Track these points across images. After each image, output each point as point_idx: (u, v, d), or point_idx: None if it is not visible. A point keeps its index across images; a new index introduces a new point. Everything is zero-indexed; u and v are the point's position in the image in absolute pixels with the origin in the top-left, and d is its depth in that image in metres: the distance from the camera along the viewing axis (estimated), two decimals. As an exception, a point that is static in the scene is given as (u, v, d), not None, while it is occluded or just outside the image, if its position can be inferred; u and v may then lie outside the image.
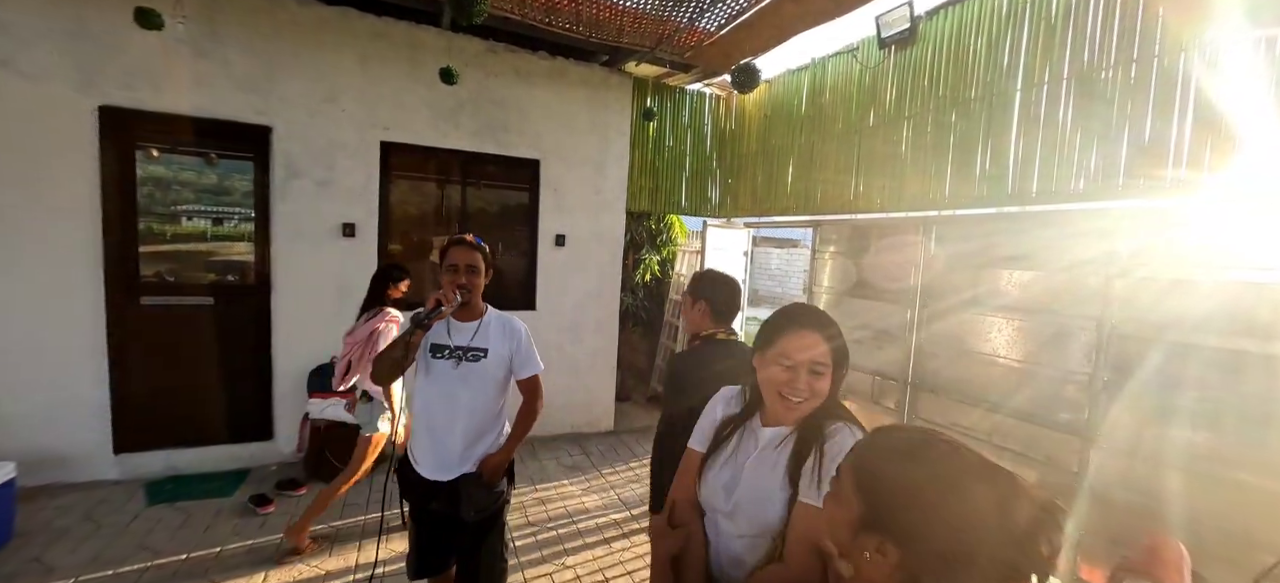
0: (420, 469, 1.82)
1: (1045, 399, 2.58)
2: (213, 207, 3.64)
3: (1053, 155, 2.57)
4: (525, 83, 4.19)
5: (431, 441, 1.80)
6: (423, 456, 1.82)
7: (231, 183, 3.66)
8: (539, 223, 4.36)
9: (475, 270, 1.79)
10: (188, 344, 3.52)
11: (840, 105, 3.79)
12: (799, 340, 1.07)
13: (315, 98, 3.59)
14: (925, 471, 0.66)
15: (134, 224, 3.37)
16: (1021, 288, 2.68)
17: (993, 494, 0.63)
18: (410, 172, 4.04)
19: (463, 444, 1.79)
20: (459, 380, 1.78)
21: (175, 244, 3.58)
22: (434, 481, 1.80)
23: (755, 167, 4.65)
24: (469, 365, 1.79)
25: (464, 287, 1.75)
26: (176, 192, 3.55)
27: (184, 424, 3.55)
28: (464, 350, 1.79)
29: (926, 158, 3.18)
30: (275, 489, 3.39)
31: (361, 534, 3.05)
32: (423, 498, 1.83)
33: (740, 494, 1.10)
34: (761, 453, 1.11)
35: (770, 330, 1.13)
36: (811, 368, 1.06)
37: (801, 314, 1.12)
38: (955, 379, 3.00)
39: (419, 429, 1.83)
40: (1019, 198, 2.71)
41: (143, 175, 3.40)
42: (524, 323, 1.96)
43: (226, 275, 3.68)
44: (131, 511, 3.11)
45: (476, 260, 1.80)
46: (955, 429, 2.98)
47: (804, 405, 1.07)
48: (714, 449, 1.18)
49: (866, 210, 3.57)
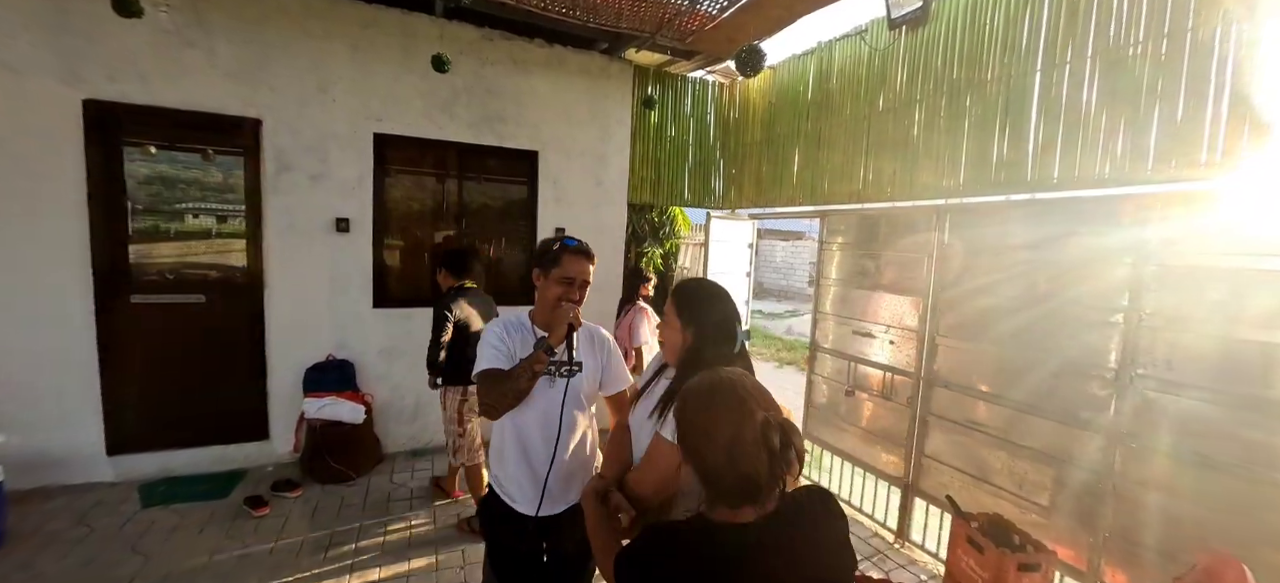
0: (515, 505, 1.57)
1: (1067, 395, 2.45)
2: (204, 202, 3.55)
3: (1076, 139, 2.43)
4: (522, 72, 4.07)
5: (530, 473, 1.55)
6: (519, 490, 1.56)
7: (222, 177, 3.56)
8: (538, 216, 4.26)
9: (588, 285, 1.58)
10: (180, 343, 3.45)
11: (848, 90, 3.65)
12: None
13: (306, 88, 3.48)
14: (701, 404, 0.96)
15: (123, 221, 3.30)
16: (1042, 279, 2.54)
17: (738, 418, 0.91)
18: (405, 164, 3.94)
19: (567, 471, 1.57)
20: (556, 400, 1.54)
21: (166, 242, 3.50)
22: (535, 517, 1.55)
23: (760, 156, 4.51)
24: (564, 382, 1.55)
25: (577, 303, 1.54)
26: (166, 187, 3.47)
27: (178, 425, 3.49)
28: (559, 365, 1.54)
29: (939, 144, 3.04)
30: (271, 491, 3.33)
31: (357, 536, 2.98)
32: (514, 538, 1.58)
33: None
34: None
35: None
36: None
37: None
38: (971, 375, 2.87)
39: (513, 458, 1.56)
40: (1039, 184, 2.57)
41: (131, 171, 3.32)
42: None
43: (218, 272, 3.59)
44: (125, 513, 3.05)
45: (589, 273, 1.57)
46: (970, 425, 2.86)
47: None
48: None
49: (876, 199, 3.44)
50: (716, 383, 0.97)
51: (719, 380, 0.97)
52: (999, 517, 2.50)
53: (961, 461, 2.91)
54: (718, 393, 0.95)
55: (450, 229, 4.12)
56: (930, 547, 3.06)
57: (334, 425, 3.51)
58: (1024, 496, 2.62)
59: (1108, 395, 2.31)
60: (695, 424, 0.95)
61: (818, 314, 3.89)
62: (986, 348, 2.79)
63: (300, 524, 3.06)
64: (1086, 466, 2.37)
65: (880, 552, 3.13)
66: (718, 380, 0.97)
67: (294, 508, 3.22)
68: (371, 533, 3.03)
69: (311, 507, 3.25)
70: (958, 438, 2.93)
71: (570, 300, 1.53)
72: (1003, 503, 2.70)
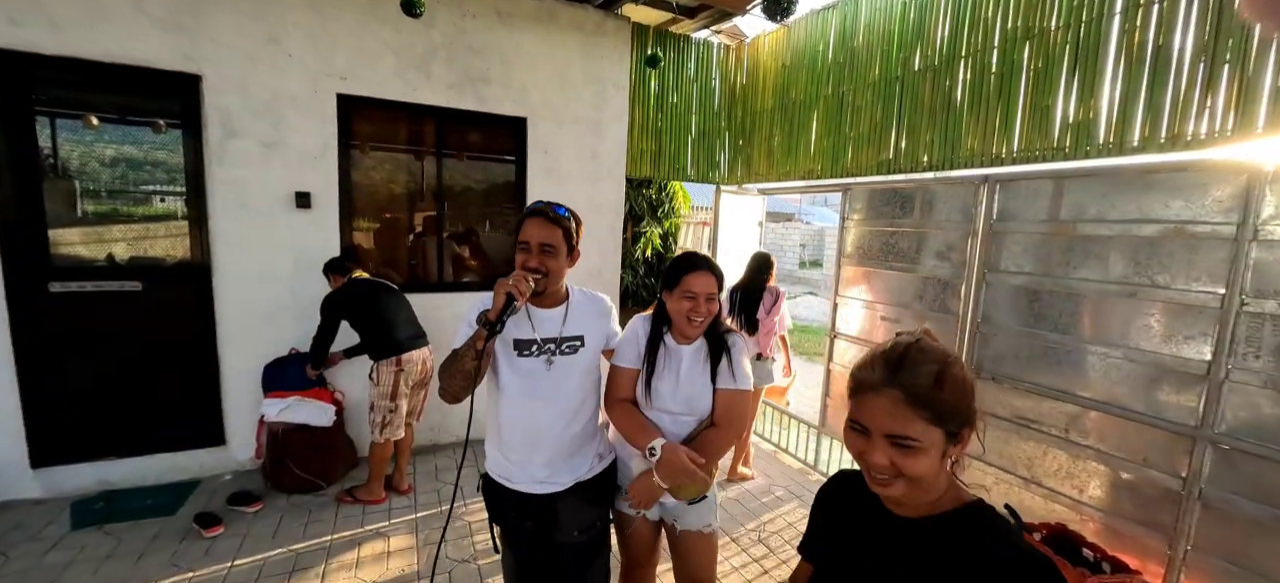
0: (517, 486, 1.50)
1: (1144, 390, 2.14)
2: (137, 173, 3.05)
3: (1163, 93, 2.08)
4: (508, 27, 3.60)
5: (533, 453, 1.48)
6: (521, 470, 1.50)
7: (158, 144, 3.06)
8: (527, 190, 3.82)
9: (551, 250, 1.42)
10: (114, 337, 2.98)
11: (877, 48, 3.26)
12: (699, 280, 1.50)
13: (254, 39, 2.98)
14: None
15: (38, 196, 2.79)
16: (1114, 257, 2.22)
17: None
18: (376, 130, 3.47)
19: (569, 451, 1.50)
20: (556, 379, 1.46)
21: (92, 221, 3.00)
22: (531, 495, 1.49)
23: (772, 125, 4.12)
24: (566, 359, 1.48)
25: (537, 271, 1.39)
26: (92, 156, 2.96)
27: (118, 432, 3.04)
28: (557, 342, 1.47)
29: (988, 105, 2.68)
30: (227, 505, 2.91)
31: (326, 555, 2.59)
32: (517, 518, 1.51)
33: (683, 393, 1.53)
34: (690, 364, 1.54)
35: (674, 273, 1.54)
36: (708, 298, 1.50)
37: (701, 259, 1.55)
38: (1023, 366, 2.56)
39: (517, 442, 1.48)
40: (1114, 148, 2.23)
41: (46, 137, 2.80)
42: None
43: (156, 255, 3.11)
44: (49, 538, 2.61)
45: (553, 236, 1.42)
46: (1023, 422, 2.55)
47: (702, 325, 1.52)
48: (651, 368, 1.55)
49: (910, 171, 3.08)
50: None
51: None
52: (1064, 528, 2.21)
53: (1009, 460, 2.62)
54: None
55: (429, 204, 3.67)
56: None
57: (299, 429, 3.09)
58: (1086, 502, 2.33)
59: (1196, 391, 2.00)
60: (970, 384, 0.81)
61: (838, 298, 3.55)
62: (1042, 336, 2.47)
63: (260, 544, 2.66)
64: (1167, 470, 2.07)
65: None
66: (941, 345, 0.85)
67: (253, 525, 2.80)
68: (342, 551, 2.65)
69: (274, 523, 2.84)
70: (1007, 436, 2.63)
71: (527, 268, 1.39)
72: (1058, 509, 2.41)
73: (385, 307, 2.96)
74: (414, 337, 3.00)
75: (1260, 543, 1.88)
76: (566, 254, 1.46)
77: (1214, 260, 1.96)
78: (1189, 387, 2.03)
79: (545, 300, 1.51)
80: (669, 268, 1.57)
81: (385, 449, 2.99)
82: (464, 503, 3.09)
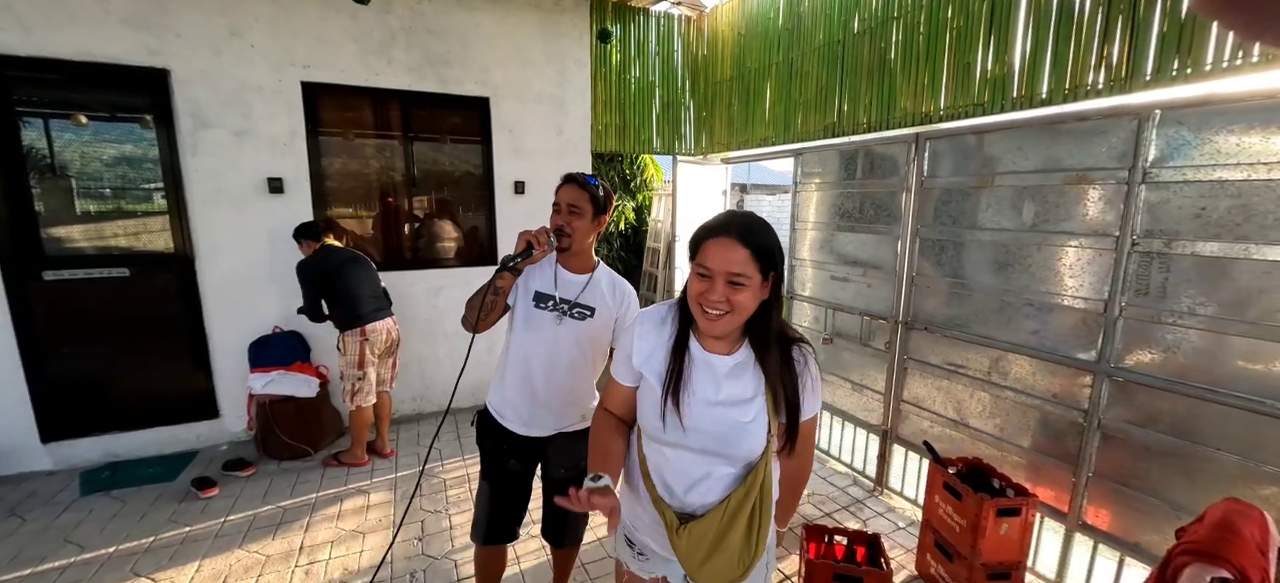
0: (507, 424, 1.67)
1: (1054, 332, 2.28)
2: (117, 166, 3.23)
3: (1067, 46, 2.17)
4: (466, 8, 3.69)
5: (525, 394, 1.64)
6: (512, 410, 1.67)
7: (133, 137, 3.23)
8: (494, 169, 3.96)
9: (577, 211, 1.58)
10: (108, 321, 3.20)
11: (821, 13, 3.32)
12: (717, 250, 0.97)
13: (216, 33, 3.12)
14: None
15: (25, 190, 2.98)
16: (1027, 206, 2.33)
17: None
18: (342, 116, 3.61)
19: (560, 403, 1.65)
20: (560, 336, 1.60)
21: (80, 212, 3.19)
22: (522, 436, 1.67)
23: (731, 94, 4.20)
24: (573, 323, 1.61)
25: (560, 230, 1.57)
26: (73, 151, 3.13)
27: (120, 407, 3.29)
28: (570, 305, 1.61)
29: (918, 65, 2.76)
30: (221, 471, 3.16)
31: (311, 510, 2.83)
32: (504, 455, 1.69)
33: (711, 425, 1.02)
34: (724, 389, 1.03)
35: (693, 243, 1.04)
36: (730, 280, 0.96)
37: (727, 222, 1.00)
38: (952, 315, 2.70)
39: (513, 380, 1.65)
40: (1025, 101, 2.32)
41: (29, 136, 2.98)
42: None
43: (141, 242, 3.30)
44: (61, 503, 2.87)
45: (580, 200, 1.58)
46: (951, 368, 2.71)
47: (724, 320, 0.98)
48: (674, 385, 1.04)
49: (852, 132, 3.18)
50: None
51: None
52: (978, 461, 2.38)
53: (940, 405, 2.78)
54: None
55: (399, 185, 3.82)
56: (909, 493, 2.97)
57: (286, 400, 3.32)
58: (1006, 438, 2.49)
59: (1096, 329, 2.14)
60: None
61: (795, 261, 3.68)
62: (967, 286, 2.61)
63: (251, 503, 2.91)
64: (1073, 403, 2.22)
65: (858, 501, 3.04)
66: None
67: (246, 487, 3.05)
68: (325, 506, 2.89)
69: (265, 485, 3.09)
70: (938, 382, 2.79)
71: (555, 226, 1.58)
72: (982, 447, 2.57)
73: (351, 279, 3.05)
74: (378, 309, 3.15)
75: (1151, 466, 2.03)
76: (592, 218, 1.60)
77: (1110, 205, 2.07)
78: (1090, 326, 2.16)
79: (573, 265, 1.64)
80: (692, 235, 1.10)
81: (364, 415, 3.19)
82: (441, 462, 3.32)
